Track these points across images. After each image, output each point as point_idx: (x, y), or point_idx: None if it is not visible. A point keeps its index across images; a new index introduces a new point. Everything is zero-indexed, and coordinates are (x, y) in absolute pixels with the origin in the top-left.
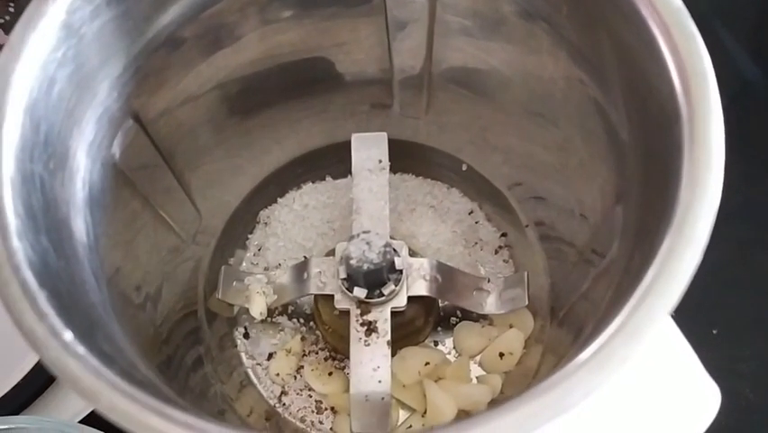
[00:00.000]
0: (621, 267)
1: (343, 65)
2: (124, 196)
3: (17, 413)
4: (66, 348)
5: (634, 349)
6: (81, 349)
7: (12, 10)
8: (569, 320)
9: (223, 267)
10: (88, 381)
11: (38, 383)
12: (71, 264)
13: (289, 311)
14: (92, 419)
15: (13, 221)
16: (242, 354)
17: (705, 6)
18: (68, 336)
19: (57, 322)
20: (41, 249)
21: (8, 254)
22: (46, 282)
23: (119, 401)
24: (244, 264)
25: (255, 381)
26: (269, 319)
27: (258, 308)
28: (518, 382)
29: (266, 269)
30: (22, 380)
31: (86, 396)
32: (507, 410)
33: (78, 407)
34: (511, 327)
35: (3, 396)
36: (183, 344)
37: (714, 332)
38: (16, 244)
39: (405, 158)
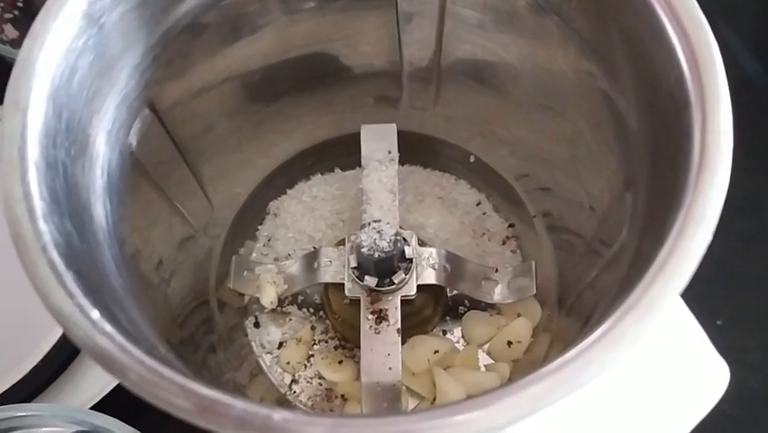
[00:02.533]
0: (630, 254)
1: (353, 57)
2: (141, 184)
3: (30, 401)
4: (94, 326)
5: (647, 327)
6: (108, 327)
7: (20, 5)
8: (576, 309)
9: (234, 257)
10: (118, 356)
11: (49, 371)
12: (93, 248)
13: (299, 301)
14: (103, 405)
15: (39, 204)
16: (253, 343)
17: (707, 3)
18: (96, 314)
19: (84, 301)
20: (65, 232)
21: (36, 236)
22: (72, 264)
23: (148, 376)
24: (254, 255)
25: (266, 369)
26: (279, 309)
27: (268, 297)
28: (526, 371)
29: (276, 260)
30: (34, 368)
31: (114, 371)
32: (525, 385)
33: (90, 394)
34: (519, 315)
35: (16, 383)
36: (197, 331)
37: (718, 323)
38: (43, 226)
39: (413, 150)
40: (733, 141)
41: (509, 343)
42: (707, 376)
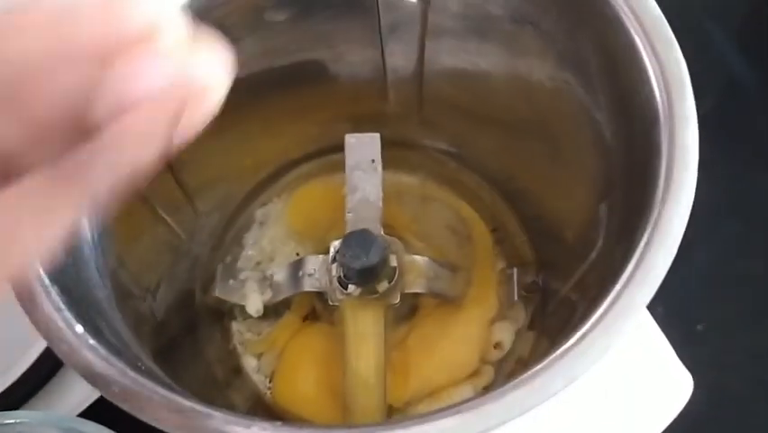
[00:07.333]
0: (605, 261)
1: (337, 67)
2: (125, 196)
3: (18, 408)
4: (78, 339)
5: (613, 340)
6: (92, 341)
7: None
8: (560, 310)
9: (219, 265)
10: (101, 369)
11: (37, 379)
12: (77, 261)
13: (284, 308)
14: (90, 412)
15: None
16: (238, 350)
17: (695, 1)
18: (79, 328)
19: (68, 315)
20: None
21: None
22: (57, 278)
23: (130, 389)
24: (240, 263)
25: (251, 376)
26: (264, 316)
27: (254, 305)
28: (511, 370)
29: (261, 268)
30: (22, 375)
31: (98, 385)
32: (495, 398)
33: (77, 401)
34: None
35: (4, 391)
36: (183, 340)
37: (699, 328)
38: None
39: (397, 156)
40: (718, 141)
41: (494, 345)
42: (670, 387)
